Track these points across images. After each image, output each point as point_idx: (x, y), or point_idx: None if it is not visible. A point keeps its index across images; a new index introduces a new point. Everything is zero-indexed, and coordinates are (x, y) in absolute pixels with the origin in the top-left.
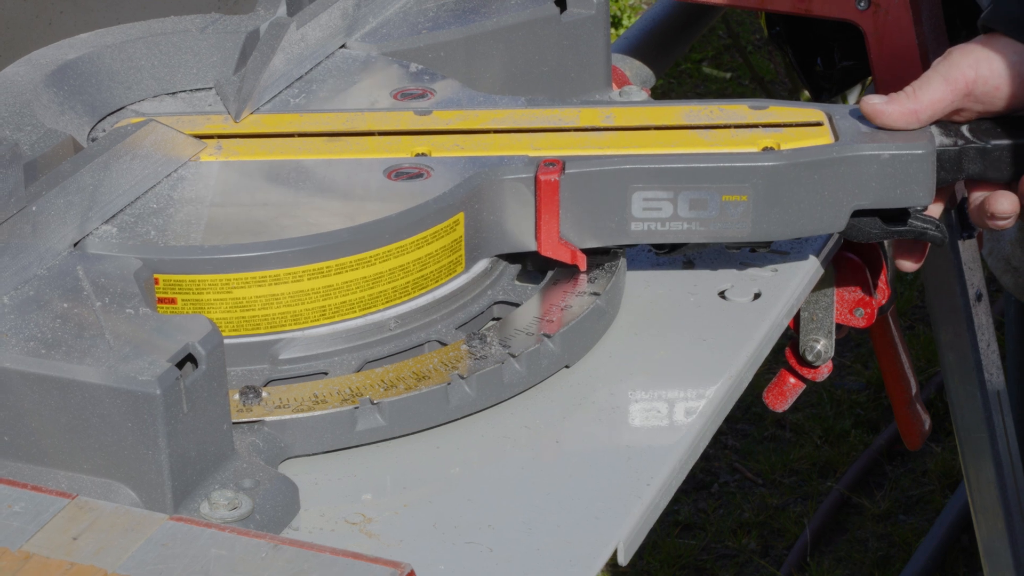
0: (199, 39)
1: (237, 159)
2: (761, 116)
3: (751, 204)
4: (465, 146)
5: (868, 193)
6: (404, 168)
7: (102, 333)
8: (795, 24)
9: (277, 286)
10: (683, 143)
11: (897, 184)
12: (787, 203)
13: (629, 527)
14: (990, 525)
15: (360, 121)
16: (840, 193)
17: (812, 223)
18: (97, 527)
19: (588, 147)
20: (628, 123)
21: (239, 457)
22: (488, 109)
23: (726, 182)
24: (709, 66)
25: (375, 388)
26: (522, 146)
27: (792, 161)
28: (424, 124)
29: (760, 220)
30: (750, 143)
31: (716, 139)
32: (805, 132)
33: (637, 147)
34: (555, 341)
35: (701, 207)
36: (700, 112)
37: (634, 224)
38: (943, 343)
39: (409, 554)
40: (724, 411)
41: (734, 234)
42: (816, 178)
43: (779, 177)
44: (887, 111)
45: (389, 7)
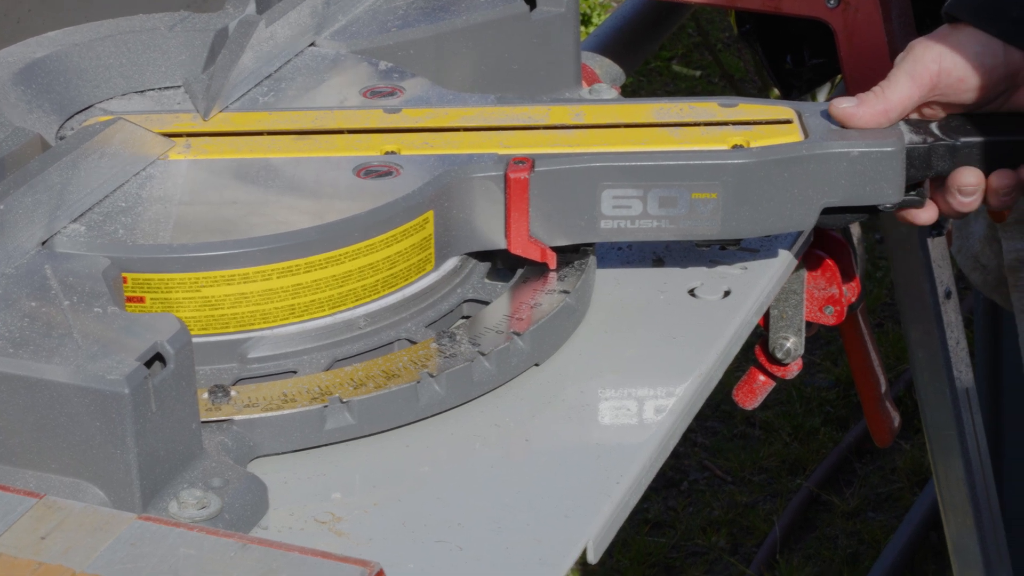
0: (168, 37)
1: (206, 157)
2: (731, 114)
3: (721, 201)
4: (434, 144)
5: (837, 190)
6: (373, 166)
7: (70, 332)
8: (765, 22)
9: (245, 284)
10: (653, 141)
11: (866, 182)
12: (756, 200)
13: (599, 525)
14: (959, 522)
15: (329, 119)
16: (809, 191)
17: (782, 220)
18: (65, 526)
19: (558, 145)
20: (598, 121)
21: (208, 456)
22: (458, 107)
23: (696, 179)
24: (679, 64)
25: (344, 387)
26: (492, 144)
27: (761, 159)
28: (393, 122)
29: (730, 217)
30: (720, 141)
31: (686, 137)
32: (775, 130)
33: (607, 145)
34: (525, 339)
35: (671, 205)
36: (670, 110)
37: (604, 222)
38: (912, 340)
39: (378, 553)
40: (694, 409)
41: (704, 231)
42: (785, 176)
43: (748, 174)
44: (858, 113)
45: (358, 5)
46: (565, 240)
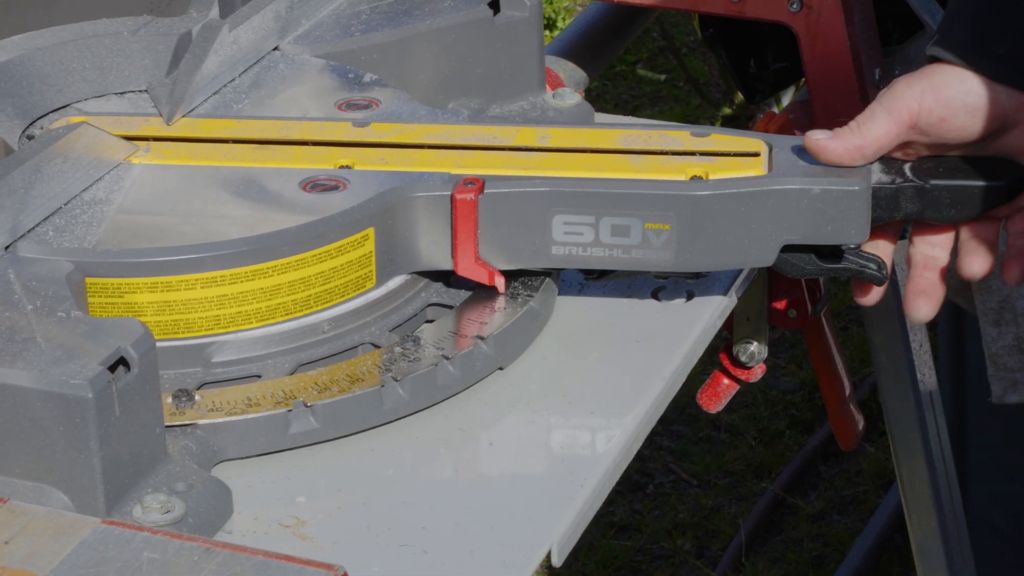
0: (131, 41)
1: (163, 163)
2: (700, 144)
3: (675, 233)
4: (390, 160)
5: (798, 228)
6: (321, 180)
7: (33, 337)
8: (728, 26)
9: (207, 289)
10: (611, 168)
11: (828, 220)
12: (712, 234)
13: (563, 528)
14: (923, 525)
15: (295, 130)
16: (768, 226)
17: (739, 256)
18: (29, 531)
19: (514, 167)
20: (562, 144)
21: (172, 460)
22: (427, 124)
23: (649, 209)
24: (643, 68)
25: (309, 391)
26: (447, 163)
27: (717, 191)
28: (357, 136)
29: (684, 250)
30: (679, 171)
31: (645, 165)
32: (739, 162)
33: (563, 170)
34: (489, 343)
35: (623, 234)
36: (639, 137)
37: (555, 248)
38: (876, 344)
39: (343, 556)
40: (658, 412)
41: (657, 263)
42: (742, 210)
43: (703, 207)
44: (831, 147)
45: (322, 9)
46: (515, 264)
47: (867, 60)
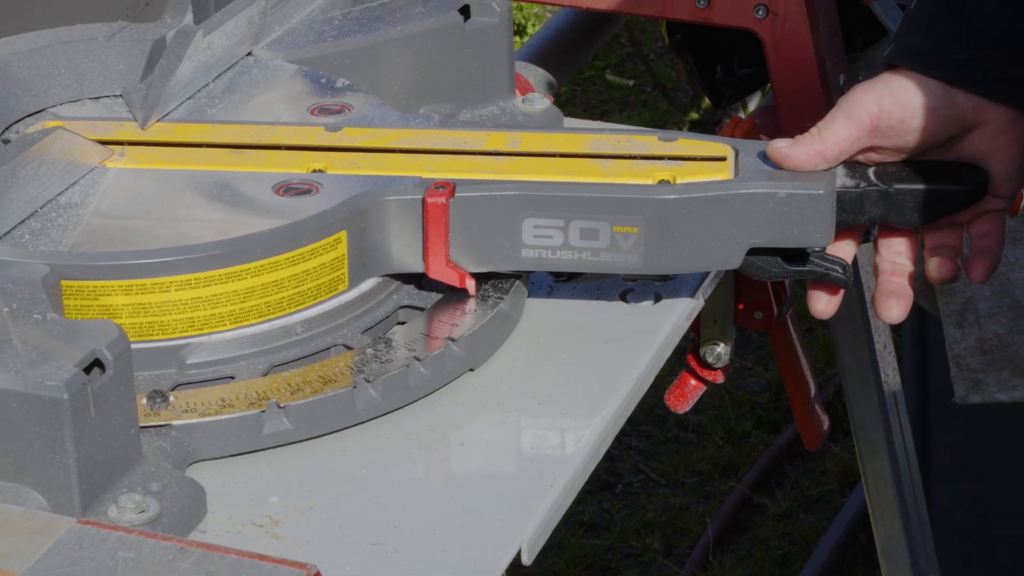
0: (106, 47)
1: (138, 167)
2: (667, 148)
3: (642, 236)
4: (363, 165)
5: (764, 231)
6: (294, 184)
7: (9, 339)
8: (695, 32)
9: (181, 291)
10: (580, 172)
11: (793, 224)
12: (679, 237)
13: (532, 527)
14: (887, 524)
15: (268, 134)
16: (734, 230)
17: (705, 258)
18: (4, 531)
19: (484, 171)
20: (532, 149)
21: (146, 461)
22: (398, 128)
23: (617, 213)
24: (612, 73)
25: (282, 392)
26: (419, 167)
27: (684, 195)
28: (329, 140)
29: (651, 253)
30: (647, 175)
31: (614, 169)
32: (705, 166)
33: (533, 174)
34: (460, 344)
35: (592, 237)
36: (608, 141)
37: (525, 251)
38: (841, 346)
39: (316, 555)
40: (626, 412)
41: (625, 265)
42: (709, 214)
43: (670, 210)
44: (793, 154)
45: (295, 15)
46: (486, 267)
47: (832, 66)
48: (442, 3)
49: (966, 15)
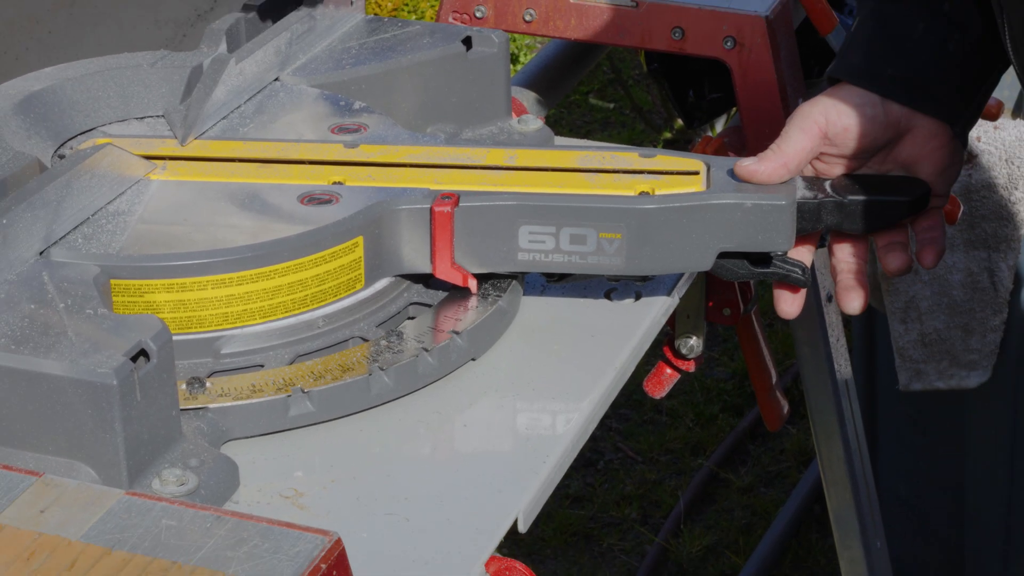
0: (150, 72)
1: (178, 179)
2: (647, 163)
3: (625, 241)
4: (377, 177)
5: (732, 237)
6: (316, 195)
7: (65, 331)
8: (670, 61)
9: (216, 289)
10: (570, 184)
11: (758, 230)
12: (657, 242)
13: (527, 499)
14: (839, 496)
15: (293, 150)
16: (706, 236)
17: (681, 261)
18: (61, 502)
19: (485, 184)
20: (527, 164)
21: (186, 439)
22: (409, 145)
23: (602, 221)
24: (595, 97)
25: (305, 379)
26: (427, 180)
27: (662, 205)
28: (348, 156)
29: (633, 256)
30: (629, 187)
31: (600, 182)
32: (680, 180)
33: (528, 186)
34: (463, 337)
35: (581, 242)
36: (594, 157)
37: (521, 254)
38: (799, 338)
39: (335, 524)
40: (610, 397)
41: (610, 267)
42: (684, 221)
43: (650, 219)
44: (759, 170)
45: (317, 45)
46: (486, 268)
47: (792, 91)
48: (447, 35)
49: (898, 39)
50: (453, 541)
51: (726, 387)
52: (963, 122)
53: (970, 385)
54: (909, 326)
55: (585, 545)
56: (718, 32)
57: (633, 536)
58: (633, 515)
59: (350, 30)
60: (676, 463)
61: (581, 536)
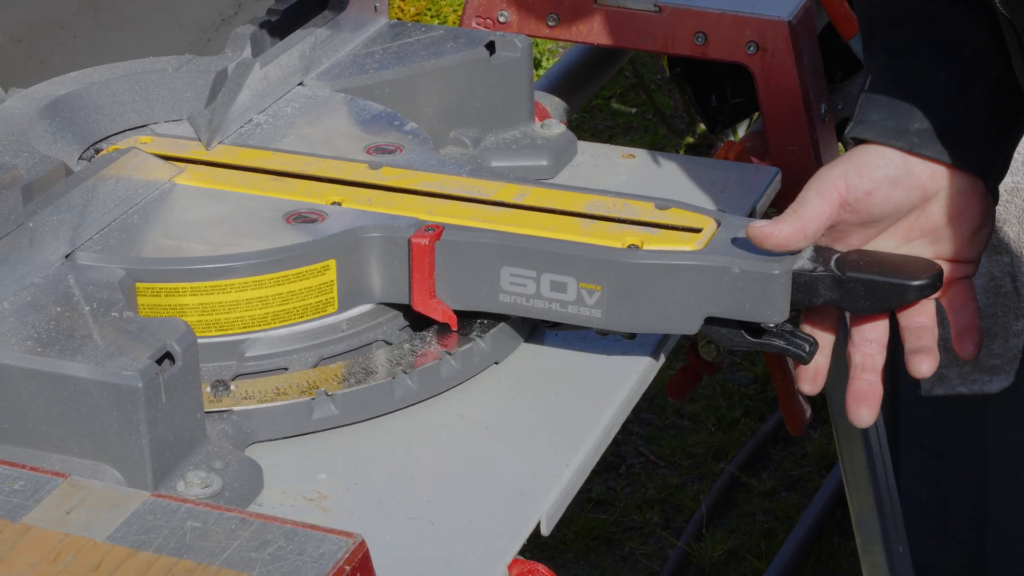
0: (174, 77)
1: (199, 184)
2: (655, 215)
3: (605, 294)
4: (375, 202)
5: (719, 303)
6: (303, 212)
7: (91, 334)
8: (693, 65)
9: (241, 293)
10: (561, 229)
11: (747, 298)
12: (639, 299)
13: (550, 503)
14: (861, 501)
15: (315, 166)
16: (691, 298)
17: (664, 322)
18: (87, 503)
19: (480, 219)
20: (535, 202)
21: (211, 442)
22: (429, 172)
23: (582, 269)
24: (617, 102)
25: (329, 382)
26: (422, 209)
27: (643, 261)
28: (361, 177)
29: (613, 310)
30: (619, 239)
31: (592, 230)
32: (677, 236)
33: (519, 226)
34: (486, 341)
35: (560, 290)
36: (604, 203)
37: (502, 295)
38: None
39: (359, 526)
40: (633, 401)
41: (589, 319)
42: (667, 280)
43: (630, 273)
44: (774, 233)
45: (341, 50)
46: (467, 306)
47: (814, 96)
48: (470, 40)
49: (920, 91)
50: (476, 543)
51: (748, 391)
52: (995, 174)
53: (992, 390)
54: None
55: (607, 549)
56: (741, 37)
57: (655, 540)
58: (655, 519)
59: (374, 35)
60: (698, 467)
61: (603, 540)
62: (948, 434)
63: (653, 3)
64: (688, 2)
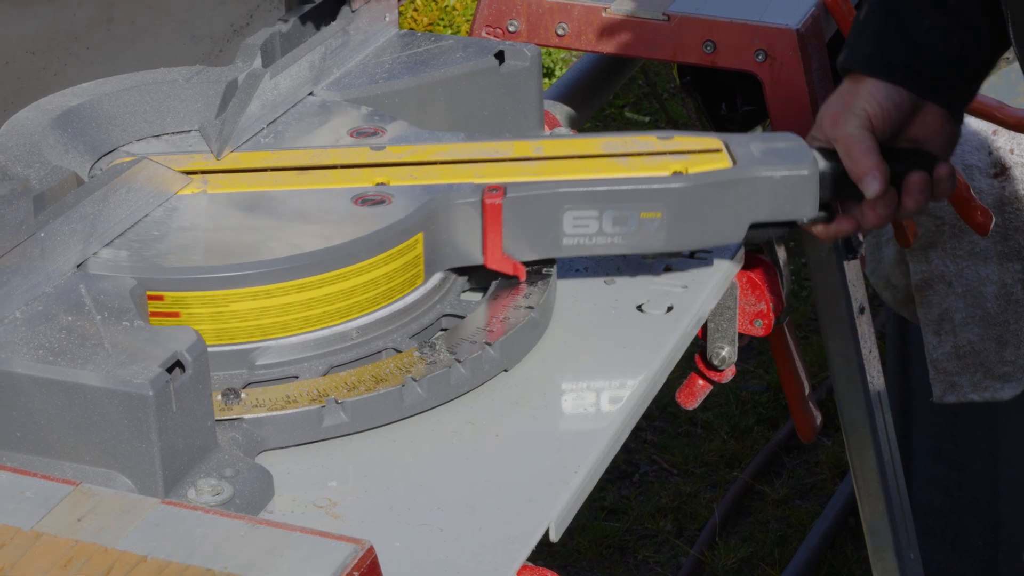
0: (185, 88)
1: (215, 191)
2: (668, 145)
3: (665, 220)
4: (419, 176)
5: (763, 208)
6: (368, 196)
7: (102, 343)
8: (703, 74)
9: (252, 302)
10: (606, 169)
11: (787, 200)
12: (695, 219)
13: (559, 509)
14: (873, 508)
15: (324, 156)
16: (739, 208)
17: (716, 235)
18: (98, 510)
19: (525, 174)
20: (556, 153)
21: (221, 449)
22: (433, 144)
23: (644, 202)
24: (630, 111)
25: (339, 389)
26: (467, 175)
27: (699, 183)
28: (381, 158)
29: (672, 233)
30: (662, 168)
31: (632, 165)
32: (708, 158)
33: (567, 174)
34: (495, 348)
35: (623, 223)
36: (616, 143)
37: (566, 239)
38: (831, 350)
39: (369, 533)
40: (641, 408)
41: (651, 246)
42: (719, 197)
43: (688, 196)
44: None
45: (351, 60)
46: (533, 255)
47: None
48: (480, 49)
49: (905, 30)
50: (485, 550)
51: (761, 399)
52: (962, 106)
53: (1004, 397)
54: (943, 338)
55: (620, 557)
56: (749, 45)
57: (668, 548)
58: (668, 527)
59: (384, 44)
60: (711, 475)
61: (616, 548)
62: (960, 441)
63: (662, 12)
64: (697, 11)
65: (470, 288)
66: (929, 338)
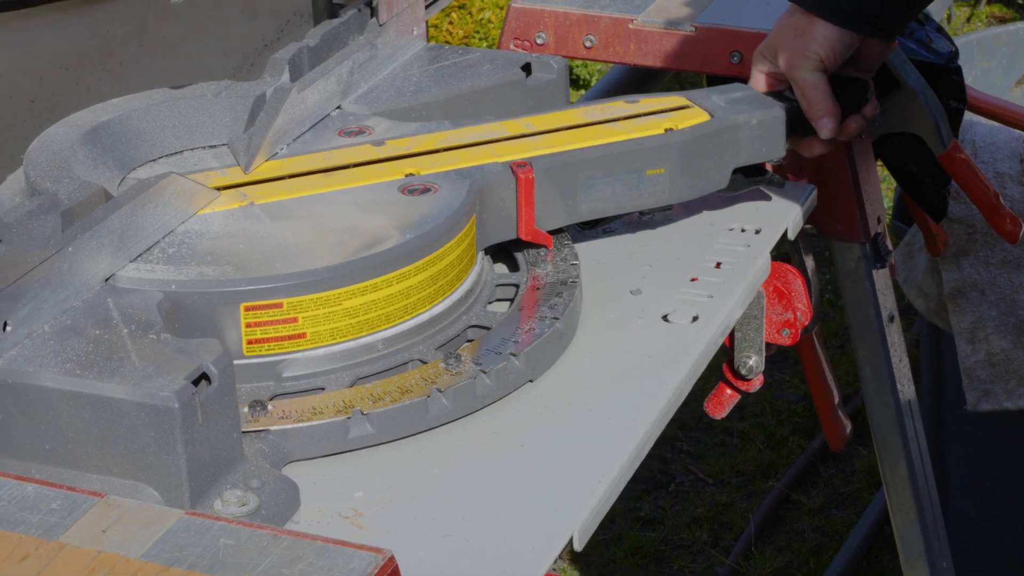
0: (214, 102)
1: (266, 201)
2: (640, 107)
3: (668, 174)
4: (443, 163)
5: (743, 153)
6: (412, 185)
7: (129, 356)
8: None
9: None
10: (607, 135)
11: (763, 143)
12: (693, 170)
13: (583, 518)
14: (904, 516)
15: (338, 157)
16: (725, 156)
17: (708, 183)
18: (123, 521)
19: (539, 148)
20: (547, 127)
21: (247, 461)
22: (428, 133)
23: (650, 159)
24: None
25: (365, 401)
26: (488, 156)
27: (694, 135)
28: (392, 151)
29: (675, 186)
30: (654, 128)
31: (628, 128)
32: (686, 114)
33: (576, 143)
34: (521, 359)
35: (633, 183)
36: (594, 110)
37: (584, 205)
38: (861, 358)
39: (394, 543)
40: (667, 417)
41: (656, 200)
42: (710, 147)
43: (687, 149)
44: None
45: (378, 73)
46: (556, 224)
47: None
48: (507, 62)
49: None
50: (509, 559)
51: (796, 409)
52: (900, 32)
53: None
54: (976, 346)
55: (656, 567)
56: None
57: (704, 558)
58: (704, 537)
59: (411, 58)
60: (747, 485)
61: (652, 558)
62: (994, 449)
63: (689, 23)
64: (723, 22)
65: (496, 299)
66: (962, 346)
